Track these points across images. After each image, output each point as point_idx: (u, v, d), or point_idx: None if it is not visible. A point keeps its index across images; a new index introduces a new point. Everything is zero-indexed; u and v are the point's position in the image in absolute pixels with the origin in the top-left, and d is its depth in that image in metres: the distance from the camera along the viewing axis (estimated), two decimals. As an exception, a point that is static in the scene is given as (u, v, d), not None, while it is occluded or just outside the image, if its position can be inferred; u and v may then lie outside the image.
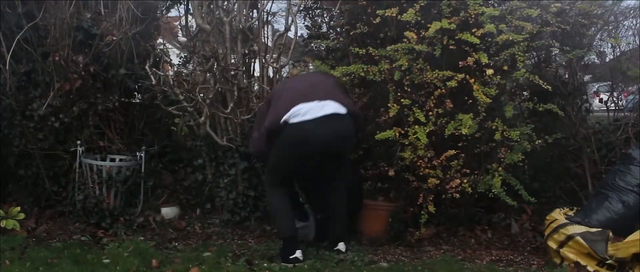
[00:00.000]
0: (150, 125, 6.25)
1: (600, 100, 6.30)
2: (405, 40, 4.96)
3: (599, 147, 5.79)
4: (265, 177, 5.29)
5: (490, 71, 4.86)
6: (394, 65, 5.04)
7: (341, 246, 5.02)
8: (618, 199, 4.94)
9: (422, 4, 4.95)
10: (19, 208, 5.42)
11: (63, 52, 5.67)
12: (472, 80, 4.89)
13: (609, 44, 5.98)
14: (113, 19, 5.86)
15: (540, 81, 5.01)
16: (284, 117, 4.78)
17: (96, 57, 5.83)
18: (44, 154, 5.83)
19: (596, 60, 6.37)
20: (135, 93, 6.17)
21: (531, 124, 5.27)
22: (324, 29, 6.21)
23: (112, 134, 5.98)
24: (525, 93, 5.55)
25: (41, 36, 5.83)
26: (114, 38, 5.79)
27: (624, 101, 6.27)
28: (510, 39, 4.82)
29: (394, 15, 4.99)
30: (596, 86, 6.73)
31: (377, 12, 5.03)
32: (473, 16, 4.86)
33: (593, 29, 5.53)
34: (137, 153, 5.82)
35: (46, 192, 5.91)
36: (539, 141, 5.19)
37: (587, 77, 6.06)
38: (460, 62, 4.91)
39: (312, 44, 6.21)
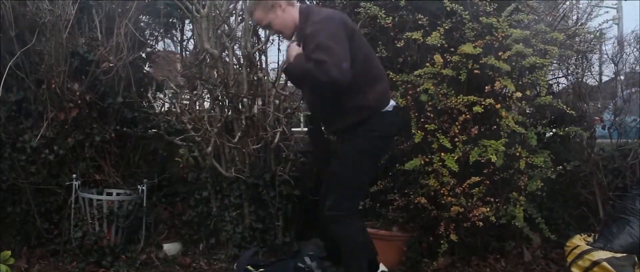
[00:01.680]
0: (145, 157, 5.92)
1: (603, 127, 6.32)
2: (428, 64, 4.86)
3: (605, 173, 5.79)
4: (341, 202, 4.08)
5: (518, 94, 4.79)
6: (418, 90, 4.92)
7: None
8: (639, 223, 4.95)
9: (446, 28, 4.87)
10: (9, 252, 4.98)
11: (58, 79, 5.34)
12: (498, 105, 4.81)
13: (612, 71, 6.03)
14: (109, 45, 5.55)
15: (564, 106, 4.97)
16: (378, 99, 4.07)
17: (92, 85, 5.51)
18: (35, 189, 5.44)
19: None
20: (131, 123, 5.82)
21: (546, 150, 5.23)
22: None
23: (108, 166, 5.63)
24: (545, 120, 5.49)
25: (34, 62, 5.47)
26: (111, 65, 5.48)
27: (599, 128, 6.29)
28: (539, 62, 4.76)
29: (419, 38, 4.87)
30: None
31: (405, 34, 4.90)
32: (500, 39, 4.79)
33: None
34: (139, 186, 5.49)
35: (36, 229, 5.50)
36: (560, 168, 5.16)
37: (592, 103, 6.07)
38: (486, 87, 4.82)
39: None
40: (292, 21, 4.01)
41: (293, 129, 5.99)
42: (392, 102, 4.19)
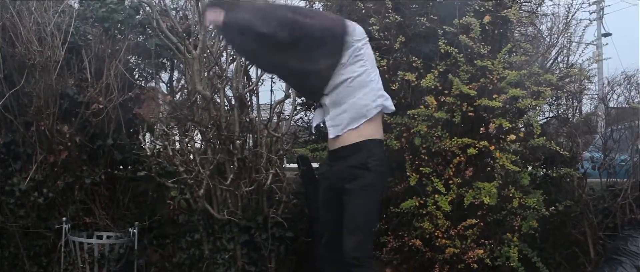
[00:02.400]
0: (135, 199, 5.84)
1: (594, 167, 6.35)
2: (422, 107, 4.88)
3: (596, 212, 5.81)
4: (366, 242, 3.93)
5: (512, 137, 4.81)
6: (412, 132, 4.92)
7: None
8: (631, 264, 5.01)
9: (440, 70, 4.89)
10: (1, 300, 4.91)
11: (48, 121, 5.27)
12: (492, 147, 4.82)
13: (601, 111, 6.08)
14: (99, 86, 5.50)
15: (557, 148, 5.00)
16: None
17: (82, 127, 5.45)
18: (24, 232, 5.35)
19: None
20: (121, 165, 5.75)
21: (538, 190, 5.25)
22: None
23: (98, 209, 5.55)
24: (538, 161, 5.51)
25: (23, 104, 5.41)
26: (101, 106, 5.43)
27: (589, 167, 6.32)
28: (533, 104, 4.80)
29: (414, 80, 4.89)
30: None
31: (399, 75, 4.91)
32: (494, 81, 4.82)
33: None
34: (130, 229, 5.41)
35: (25, 274, 5.41)
36: (553, 208, 5.17)
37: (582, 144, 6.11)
38: (481, 129, 4.84)
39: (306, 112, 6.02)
40: None
41: (287, 165, 5.95)
42: None
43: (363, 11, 5.12)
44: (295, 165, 5.73)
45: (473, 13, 4.93)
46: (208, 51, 5.46)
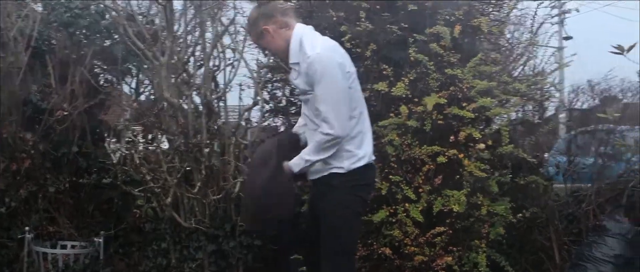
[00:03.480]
0: (100, 207, 5.75)
1: (558, 173, 6.43)
2: (393, 115, 4.88)
3: (560, 218, 5.88)
4: (340, 264, 3.67)
5: (481, 146, 4.84)
6: (382, 141, 4.92)
7: None
8: (596, 269, 5.06)
9: (411, 78, 4.90)
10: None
11: (10, 128, 5.17)
12: (462, 155, 4.84)
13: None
14: (64, 92, 5.40)
15: (526, 155, 5.05)
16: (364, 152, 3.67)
17: (45, 134, 5.35)
18: (-15, 243, 5.24)
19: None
20: (86, 173, 5.65)
21: (506, 197, 5.29)
22: (284, 103, 5.98)
23: (62, 218, 5.45)
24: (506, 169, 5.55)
25: (-17, 111, 5.30)
26: (66, 113, 5.33)
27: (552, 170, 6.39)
28: (502, 112, 4.83)
29: (385, 89, 4.88)
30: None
31: (371, 85, 4.91)
32: (464, 90, 4.84)
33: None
34: (95, 239, 5.32)
35: (-15, 285, 5.28)
36: (520, 215, 5.22)
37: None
38: (451, 137, 4.86)
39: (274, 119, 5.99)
40: (286, 45, 3.68)
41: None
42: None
43: (334, 19, 5.10)
44: None
45: (443, 22, 4.94)
46: (175, 57, 5.40)
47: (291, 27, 3.68)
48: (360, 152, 3.60)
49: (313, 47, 3.56)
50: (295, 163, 3.57)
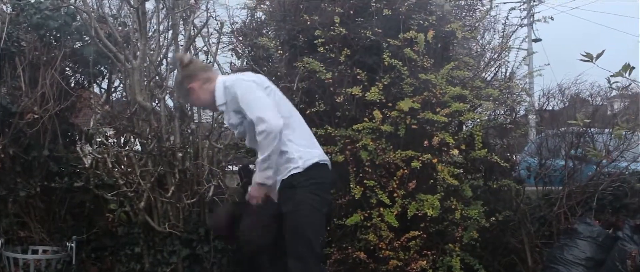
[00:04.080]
0: (72, 210, 5.68)
1: (529, 176, 6.48)
2: (367, 120, 4.89)
3: (532, 220, 5.93)
4: (306, 265, 3.75)
5: (455, 151, 4.87)
6: (356, 146, 4.93)
7: None
8: (567, 272, 5.10)
9: (385, 83, 4.91)
10: None
11: (-21, 132, 5.09)
12: (436, 160, 4.87)
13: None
14: (34, 95, 5.32)
15: (499, 159, 5.08)
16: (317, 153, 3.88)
17: (15, 138, 5.27)
18: (-47, 249, 5.15)
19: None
20: (57, 177, 5.58)
21: (479, 200, 5.33)
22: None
23: (33, 222, 5.38)
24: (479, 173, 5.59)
25: (-48, 114, 5.20)
26: (36, 116, 5.26)
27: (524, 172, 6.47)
28: (475, 117, 4.86)
29: (359, 94, 4.89)
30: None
31: (345, 89, 4.91)
32: (437, 96, 4.86)
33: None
34: (67, 243, 5.26)
35: (-46, 292, 5.20)
36: (493, 219, 5.26)
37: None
38: (425, 142, 4.88)
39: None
40: (211, 96, 3.93)
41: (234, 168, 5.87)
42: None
43: (308, 23, 5.10)
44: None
45: (417, 27, 4.96)
46: (147, 60, 5.35)
47: (213, 80, 3.94)
48: (313, 151, 3.83)
49: (229, 79, 3.91)
50: (256, 175, 3.74)
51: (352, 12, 5.14)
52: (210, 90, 3.90)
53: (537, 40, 16.61)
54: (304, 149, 3.78)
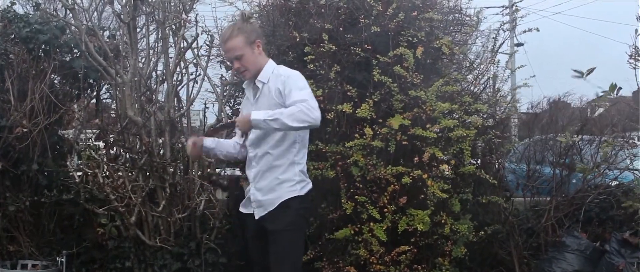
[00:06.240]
0: (61, 224, 5.67)
1: (518, 187, 6.52)
2: (357, 135, 4.92)
3: (520, 232, 5.98)
4: None
5: (444, 166, 4.90)
6: (347, 162, 4.95)
7: None
8: (556, 285, 5.16)
9: (375, 99, 4.94)
10: None
11: (-32, 146, 5.07)
12: (426, 175, 4.90)
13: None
14: (23, 109, 5.31)
15: (487, 176, 5.12)
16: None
17: (5, 152, 5.25)
18: (-58, 264, 5.13)
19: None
20: (46, 190, 5.56)
21: (468, 214, 5.36)
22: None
23: (22, 236, 5.37)
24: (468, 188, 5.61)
25: (-60, 128, 5.17)
26: (25, 130, 5.24)
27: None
28: (464, 134, 4.90)
29: (349, 111, 4.91)
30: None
31: (335, 106, 4.93)
32: (427, 112, 4.89)
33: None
34: (57, 258, 5.25)
35: (-57, 308, 5.17)
36: (482, 233, 5.30)
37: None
38: (415, 158, 4.91)
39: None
40: (260, 66, 3.87)
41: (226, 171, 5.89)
42: None
43: (297, 40, 5.11)
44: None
45: (406, 44, 4.98)
46: (138, 75, 5.34)
47: (264, 55, 3.92)
48: (307, 178, 3.84)
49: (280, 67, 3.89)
50: (259, 113, 3.67)
51: (341, 28, 5.15)
52: (260, 64, 3.86)
53: (520, 44, 16.68)
54: (305, 175, 3.82)
